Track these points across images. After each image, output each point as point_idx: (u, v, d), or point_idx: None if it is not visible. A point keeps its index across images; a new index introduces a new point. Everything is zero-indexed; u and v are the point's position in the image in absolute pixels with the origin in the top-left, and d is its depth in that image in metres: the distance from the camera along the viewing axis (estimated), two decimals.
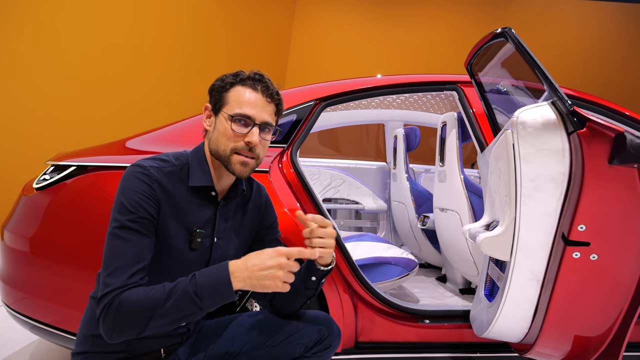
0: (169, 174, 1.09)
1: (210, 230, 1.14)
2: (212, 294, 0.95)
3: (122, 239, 0.99)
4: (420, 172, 3.75)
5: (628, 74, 6.35)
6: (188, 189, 1.11)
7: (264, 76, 1.14)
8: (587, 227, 1.34)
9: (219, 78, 1.15)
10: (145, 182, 1.04)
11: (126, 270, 0.96)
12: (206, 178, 1.13)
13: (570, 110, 1.34)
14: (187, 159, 1.15)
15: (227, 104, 1.11)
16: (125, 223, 1.00)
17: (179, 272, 1.04)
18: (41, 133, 3.80)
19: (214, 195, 1.15)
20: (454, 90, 2.18)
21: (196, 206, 1.12)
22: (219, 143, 1.11)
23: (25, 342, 2.13)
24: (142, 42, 4.51)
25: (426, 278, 2.96)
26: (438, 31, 6.35)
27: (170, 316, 0.94)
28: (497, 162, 1.60)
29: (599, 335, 1.45)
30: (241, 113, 1.09)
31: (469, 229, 1.79)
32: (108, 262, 0.97)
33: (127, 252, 0.98)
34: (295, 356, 1.18)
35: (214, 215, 1.15)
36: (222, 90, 1.13)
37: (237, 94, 1.11)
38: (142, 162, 1.08)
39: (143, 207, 1.02)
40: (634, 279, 1.38)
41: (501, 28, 1.69)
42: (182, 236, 1.09)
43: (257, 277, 0.95)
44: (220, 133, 1.11)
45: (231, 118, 1.09)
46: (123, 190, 1.04)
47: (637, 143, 1.20)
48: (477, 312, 1.78)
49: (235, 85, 1.12)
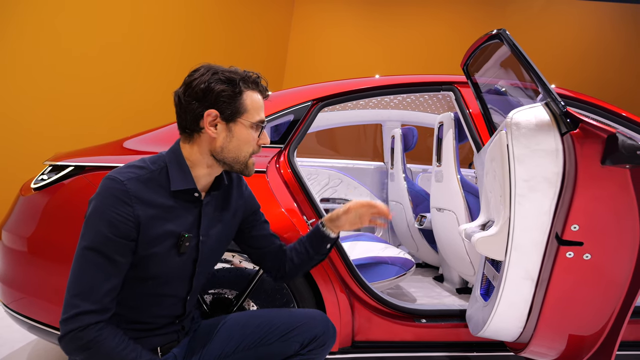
0: (147, 181, 1.06)
1: (196, 230, 1.14)
2: None
3: (91, 262, 0.96)
4: (417, 172, 3.76)
5: (626, 74, 6.36)
6: (170, 194, 1.08)
7: (260, 77, 1.16)
8: (580, 227, 1.35)
9: (219, 81, 1.07)
10: (123, 201, 1.00)
11: (93, 293, 0.94)
12: (188, 180, 1.10)
13: (563, 112, 1.35)
14: (164, 161, 1.11)
15: (246, 112, 1.10)
16: (96, 246, 0.97)
17: (170, 276, 1.07)
18: (39, 132, 3.81)
19: (197, 196, 1.13)
20: (451, 90, 2.19)
21: (180, 210, 1.10)
22: (240, 151, 1.11)
23: (24, 342, 2.13)
24: (140, 42, 4.51)
25: (423, 277, 2.97)
26: (436, 31, 6.35)
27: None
28: (492, 162, 1.61)
29: (593, 334, 1.47)
30: (262, 119, 1.13)
31: (464, 229, 1.80)
32: (76, 282, 0.95)
33: (95, 275, 0.95)
34: (290, 354, 1.19)
35: (198, 216, 1.14)
36: (234, 96, 1.08)
37: (251, 100, 1.11)
38: (117, 174, 1.03)
39: (118, 228, 0.98)
40: (626, 278, 1.39)
41: (496, 29, 1.70)
42: (169, 243, 1.08)
43: None
44: (242, 141, 1.11)
45: (255, 126, 1.12)
46: (98, 209, 0.99)
47: (629, 144, 1.21)
48: (473, 312, 1.79)
49: (246, 91, 1.10)
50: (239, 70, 1.12)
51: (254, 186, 1.74)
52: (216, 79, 1.07)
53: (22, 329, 1.95)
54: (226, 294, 1.65)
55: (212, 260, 1.23)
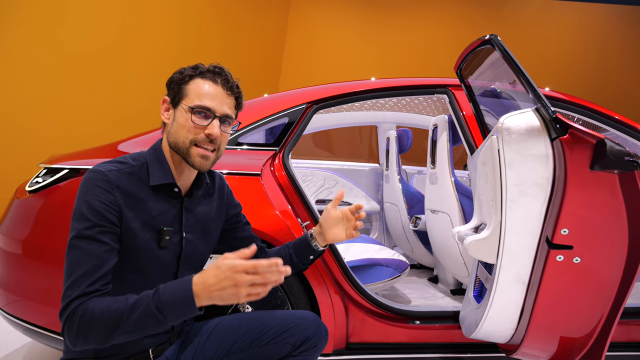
0: (128, 175, 1.08)
1: (178, 226, 1.15)
2: (175, 311, 0.91)
3: (79, 249, 0.96)
4: (412, 174, 3.77)
5: (623, 77, 6.39)
6: (150, 188, 1.10)
7: (223, 69, 1.15)
8: (570, 231, 1.37)
9: (177, 71, 1.14)
10: (105, 189, 1.01)
11: (86, 279, 0.93)
12: (167, 175, 1.12)
13: (553, 117, 1.37)
14: (145, 158, 1.14)
15: (186, 96, 1.11)
16: (82, 232, 0.97)
17: (153, 271, 1.07)
18: (35, 134, 3.80)
19: (177, 192, 1.14)
20: (445, 93, 2.21)
21: (160, 205, 1.11)
22: (178, 135, 1.11)
23: (19, 344, 2.13)
24: (135, 43, 4.51)
25: (418, 279, 2.99)
26: (433, 33, 6.37)
27: (136, 331, 0.91)
28: (484, 166, 1.63)
29: (583, 335, 1.49)
30: (201, 105, 1.09)
31: (458, 232, 1.81)
32: (68, 274, 0.95)
33: (85, 261, 0.95)
34: (283, 355, 1.20)
35: (179, 211, 1.15)
36: (181, 82, 1.12)
37: (196, 86, 1.11)
38: (99, 167, 1.06)
39: (102, 214, 0.99)
40: (615, 280, 1.42)
41: (488, 35, 1.72)
42: (149, 237, 1.08)
43: (217, 296, 0.89)
44: (179, 125, 1.10)
45: (191, 110, 1.09)
46: (81, 198, 1.00)
47: (617, 150, 1.23)
48: (466, 313, 1.81)
49: (194, 78, 1.12)
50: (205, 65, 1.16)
51: (248, 189, 1.76)
52: (178, 71, 1.14)
53: (17, 331, 1.95)
54: None
55: (197, 257, 1.22)
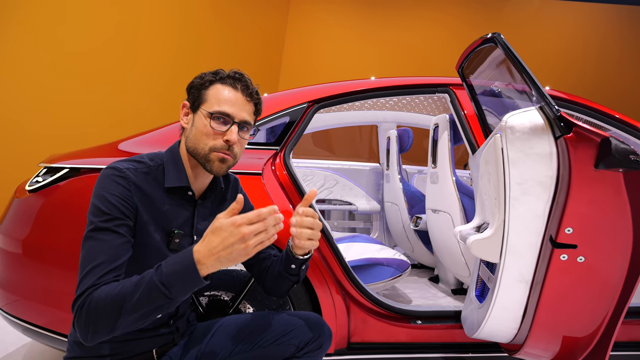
0: (144, 174, 1.08)
1: (189, 229, 1.15)
2: (179, 282, 0.88)
3: (95, 240, 0.96)
4: (413, 173, 3.77)
5: (622, 76, 6.40)
6: (164, 190, 1.10)
7: (243, 75, 1.15)
8: (574, 230, 1.36)
9: (198, 76, 1.14)
10: (122, 185, 1.02)
11: (100, 270, 0.93)
12: (182, 178, 1.12)
13: (557, 116, 1.36)
14: (162, 159, 1.14)
15: (206, 102, 1.11)
16: (98, 224, 0.97)
17: None
18: (35, 134, 3.79)
19: (190, 195, 1.15)
20: (446, 92, 2.20)
21: (173, 207, 1.12)
22: (197, 141, 1.10)
23: (19, 344, 2.12)
24: (135, 43, 4.49)
25: (419, 279, 2.98)
26: (432, 33, 6.37)
27: (141, 309, 0.88)
28: (487, 165, 1.62)
29: (587, 335, 1.48)
30: (220, 111, 1.09)
31: (459, 231, 1.81)
32: (82, 265, 0.95)
33: (100, 252, 0.95)
34: (286, 356, 1.19)
35: (192, 215, 1.15)
36: (201, 87, 1.12)
37: (216, 91, 1.11)
38: (117, 164, 1.06)
39: (118, 208, 0.99)
40: (620, 279, 1.41)
41: (491, 33, 1.71)
42: (159, 237, 1.08)
43: (225, 257, 0.87)
44: (198, 131, 1.10)
45: (210, 115, 1.09)
46: (98, 193, 1.01)
47: (622, 148, 1.22)
48: (468, 313, 1.80)
49: (214, 83, 1.12)
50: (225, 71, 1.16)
51: (249, 188, 1.75)
52: (199, 76, 1.14)
53: (16, 331, 1.94)
54: (222, 296, 1.65)
55: None
